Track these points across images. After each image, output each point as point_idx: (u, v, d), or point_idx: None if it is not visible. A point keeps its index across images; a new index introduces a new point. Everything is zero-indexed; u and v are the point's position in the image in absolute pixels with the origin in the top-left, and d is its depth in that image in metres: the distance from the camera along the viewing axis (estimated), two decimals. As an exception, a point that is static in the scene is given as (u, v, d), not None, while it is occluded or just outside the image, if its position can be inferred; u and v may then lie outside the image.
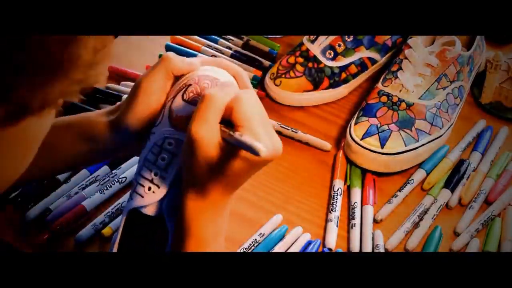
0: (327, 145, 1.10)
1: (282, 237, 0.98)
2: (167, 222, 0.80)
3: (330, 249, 0.97)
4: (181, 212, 0.75)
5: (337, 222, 1.00)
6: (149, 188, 0.80)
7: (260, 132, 0.71)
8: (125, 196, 1.00)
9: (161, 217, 0.80)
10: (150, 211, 0.80)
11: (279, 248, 0.97)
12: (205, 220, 0.74)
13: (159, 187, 0.80)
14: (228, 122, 0.72)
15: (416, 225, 1.00)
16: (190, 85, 0.79)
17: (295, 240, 0.98)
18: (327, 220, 1.00)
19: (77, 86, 0.53)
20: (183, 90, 0.79)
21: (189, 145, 0.72)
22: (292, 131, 1.11)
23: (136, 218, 0.81)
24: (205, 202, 0.74)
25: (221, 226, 0.75)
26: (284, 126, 1.11)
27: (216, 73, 0.80)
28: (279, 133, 1.10)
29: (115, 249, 0.81)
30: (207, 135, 0.71)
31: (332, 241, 0.98)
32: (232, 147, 0.71)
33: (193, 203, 0.74)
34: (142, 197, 0.80)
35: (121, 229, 0.81)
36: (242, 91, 0.73)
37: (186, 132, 0.72)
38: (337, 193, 1.03)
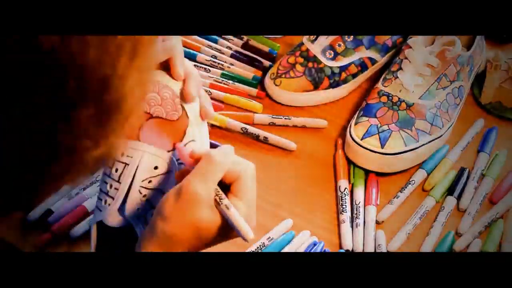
0: (323, 122, 1.11)
1: (288, 242, 0.98)
2: (134, 227, 0.79)
3: (347, 250, 0.97)
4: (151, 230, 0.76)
5: (351, 222, 0.99)
6: (105, 201, 0.80)
7: (254, 211, 0.76)
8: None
9: (128, 224, 0.80)
10: (114, 222, 0.80)
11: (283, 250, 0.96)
12: None
13: (113, 199, 0.80)
14: (223, 185, 0.75)
15: (427, 233, 0.99)
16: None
17: (301, 244, 0.97)
18: (339, 222, 1.00)
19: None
20: None
21: (181, 197, 0.74)
22: (285, 119, 1.11)
23: (106, 230, 0.81)
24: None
25: None
26: (276, 117, 1.11)
27: (169, 81, 0.80)
28: (273, 124, 1.11)
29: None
30: (204, 195, 0.74)
31: (349, 242, 0.97)
32: (219, 213, 0.75)
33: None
34: (100, 211, 0.80)
35: (93, 243, 0.81)
36: (246, 163, 0.77)
37: (183, 183, 0.74)
38: (344, 194, 1.02)
